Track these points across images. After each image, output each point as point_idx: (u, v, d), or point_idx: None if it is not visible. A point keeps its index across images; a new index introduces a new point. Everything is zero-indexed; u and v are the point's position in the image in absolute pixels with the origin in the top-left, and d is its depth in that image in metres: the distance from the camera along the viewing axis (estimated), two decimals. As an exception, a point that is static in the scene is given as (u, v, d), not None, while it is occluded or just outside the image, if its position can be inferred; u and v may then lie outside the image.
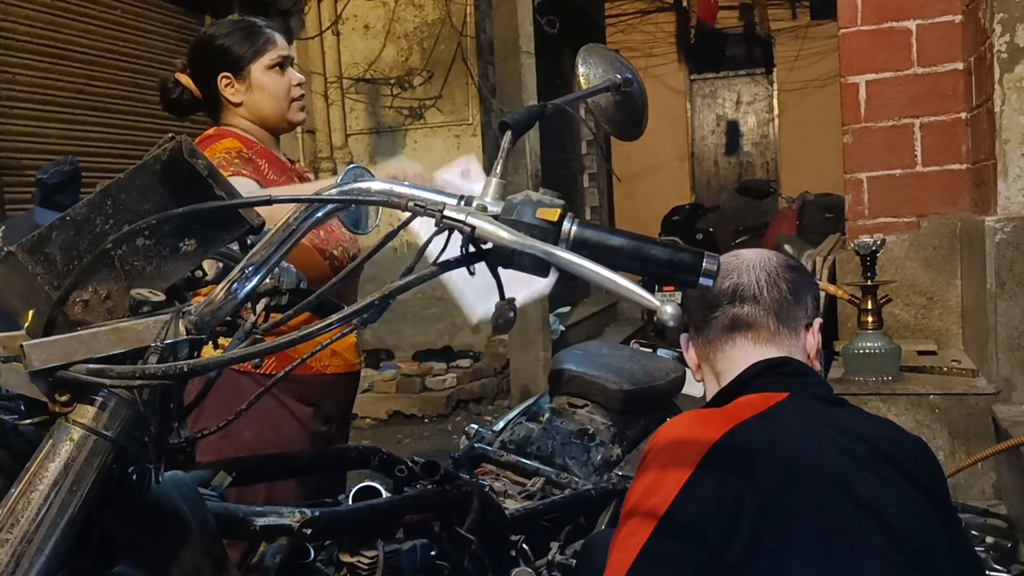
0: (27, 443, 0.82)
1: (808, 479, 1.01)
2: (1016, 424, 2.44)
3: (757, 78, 9.90)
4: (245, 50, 1.83)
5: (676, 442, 1.05)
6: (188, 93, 1.89)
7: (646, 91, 1.05)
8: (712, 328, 1.18)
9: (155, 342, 0.80)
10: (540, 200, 0.80)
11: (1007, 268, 2.63)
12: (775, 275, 1.17)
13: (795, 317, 1.18)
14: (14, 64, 3.95)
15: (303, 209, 0.86)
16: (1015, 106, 2.66)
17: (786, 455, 1.02)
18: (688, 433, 1.05)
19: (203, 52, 1.88)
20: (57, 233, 0.81)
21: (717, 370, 1.19)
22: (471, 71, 5.96)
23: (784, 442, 1.03)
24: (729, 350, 1.18)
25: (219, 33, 1.86)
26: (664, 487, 1.00)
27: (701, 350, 1.21)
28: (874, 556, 0.99)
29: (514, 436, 1.90)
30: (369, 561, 1.12)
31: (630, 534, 1.00)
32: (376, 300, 0.82)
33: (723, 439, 1.02)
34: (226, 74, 1.84)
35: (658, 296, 0.75)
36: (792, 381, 1.13)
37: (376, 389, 5.67)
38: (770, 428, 1.05)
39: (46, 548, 0.77)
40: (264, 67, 1.84)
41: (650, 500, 1.00)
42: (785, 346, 1.17)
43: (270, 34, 1.87)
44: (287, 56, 1.89)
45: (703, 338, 1.20)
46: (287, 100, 1.87)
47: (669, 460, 1.03)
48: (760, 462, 1.01)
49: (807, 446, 1.04)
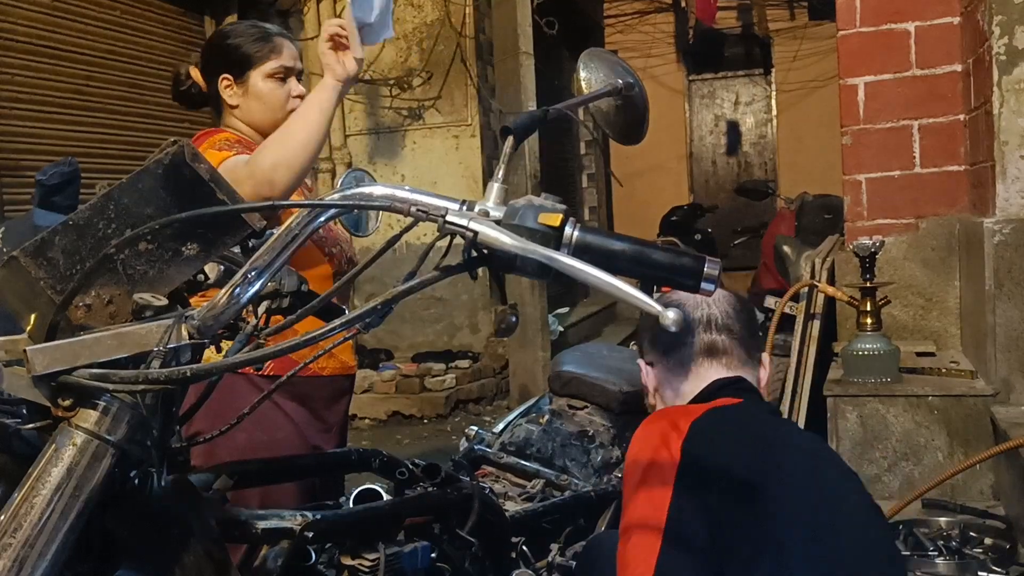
0: (30, 447, 0.82)
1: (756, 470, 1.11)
2: (1015, 425, 2.44)
3: (755, 78, 9.91)
4: (248, 55, 1.83)
5: (651, 455, 1.12)
6: (196, 87, 1.90)
7: (647, 96, 1.06)
8: (685, 352, 1.26)
9: (158, 346, 0.80)
10: (542, 205, 0.80)
11: (1005, 269, 2.63)
12: (737, 309, 1.29)
13: (756, 349, 1.31)
14: (13, 65, 3.95)
15: (306, 214, 0.86)
16: (1013, 108, 2.67)
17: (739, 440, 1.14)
18: (657, 443, 1.13)
19: (212, 49, 1.89)
20: (60, 237, 0.81)
21: (682, 391, 1.26)
22: (470, 72, 5.96)
23: (737, 429, 1.16)
24: (703, 372, 1.26)
25: (230, 33, 1.87)
26: (655, 500, 1.07)
27: (665, 374, 1.28)
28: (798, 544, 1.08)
29: (514, 438, 1.90)
30: (370, 564, 1.12)
31: (640, 548, 1.06)
32: (379, 305, 0.82)
33: (688, 438, 1.10)
34: (227, 75, 1.84)
35: (656, 298, 0.75)
36: (745, 394, 1.24)
37: (375, 390, 5.67)
38: (732, 415, 1.17)
39: (48, 552, 0.77)
40: (264, 75, 1.83)
41: (648, 515, 1.06)
42: (750, 375, 1.28)
43: (278, 43, 1.85)
44: (291, 67, 1.86)
45: (672, 360, 1.27)
46: (282, 112, 1.84)
47: (647, 475, 1.10)
48: (724, 448, 1.12)
49: (762, 431, 1.17)
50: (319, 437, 1.84)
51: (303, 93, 1.87)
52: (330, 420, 1.89)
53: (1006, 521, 2.40)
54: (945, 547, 2.21)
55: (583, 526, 1.67)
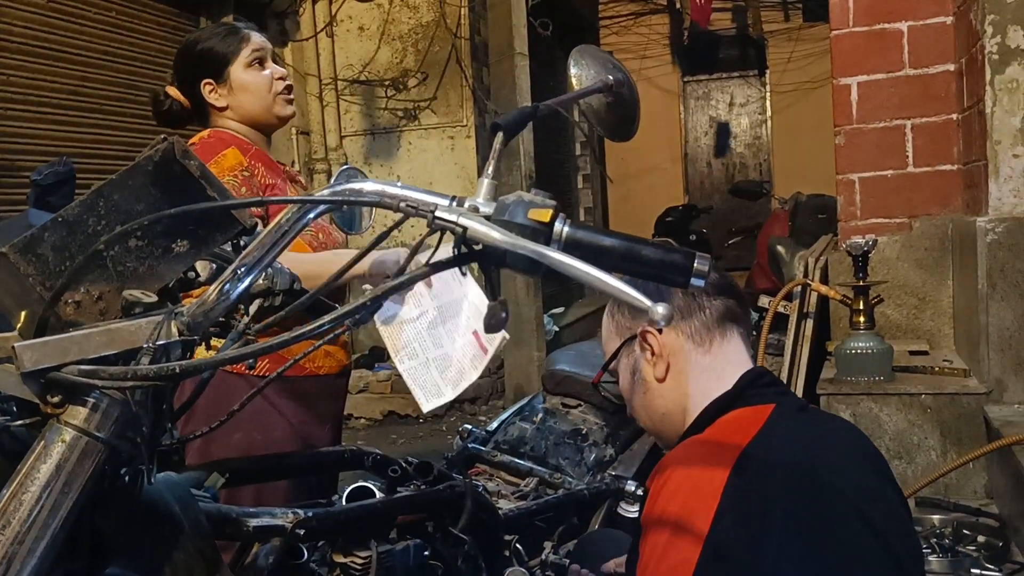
0: (19, 444, 0.82)
1: (804, 489, 0.99)
2: (1007, 424, 2.45)
3: (750, 80, 9.93)
4: (221, 53, 1.84)
5: (694, 476, 1.00)
6: (178, 104, 1.90)
7: (638, 92, 1.06)
8: (705, 315, 1.09)
9: (147, 343, 0.80)
10: (532, 201, 0.80)
11: (998, 269, 2.64)
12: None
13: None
14: (8, 65, 3.94)
15: (296, 210, 0.86)
16: (1006, 107, 2.67)
17: (785, 470, 1.00)
18: (703, 465, 1.00)
19: (185, 61, 1.89)
20: (49, 234, 0.81)
21: (704, 364, 1.10)
22: (465, 73, 5.96)
23: (781, 459, 1.01)
24: (726, 344, 1.10)
25: (197, 40, 1.88)
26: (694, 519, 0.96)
27: (682, 341, 1.10)
28: (871, 557, 0.99)
29: (508, 436, 1.90)
30: (362, 561, 1.12)
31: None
32: (368, 301, 0.82)
33: (735, 470, 0.97)
34: (208, 80, 1.85)
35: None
36: (772, 392, 1.09)
37: (371, 390, 5.67)
38: (769, 445, 1.02)
39: (38, 549, 0.76)
40: (243, 66, 1.84)
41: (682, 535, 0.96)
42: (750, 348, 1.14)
43: (244, 32, 1.87)
44: (263, 50, 1.87)
45: (690, 326, 1.09)
46: (271, 94, 1.86)
47: (690, 496, 0.98)
48: (771, 483, 0.98)
49: (799, 460, 1.02)
50: (315, 436, 1.84)
51: (285, 73, 1.90)
52: (326, 419, 1.89)
53: (999, 519, 2.41)
54: (939, 545, 2.22)
55: (576, 524, 1.67)
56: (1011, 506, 2.41)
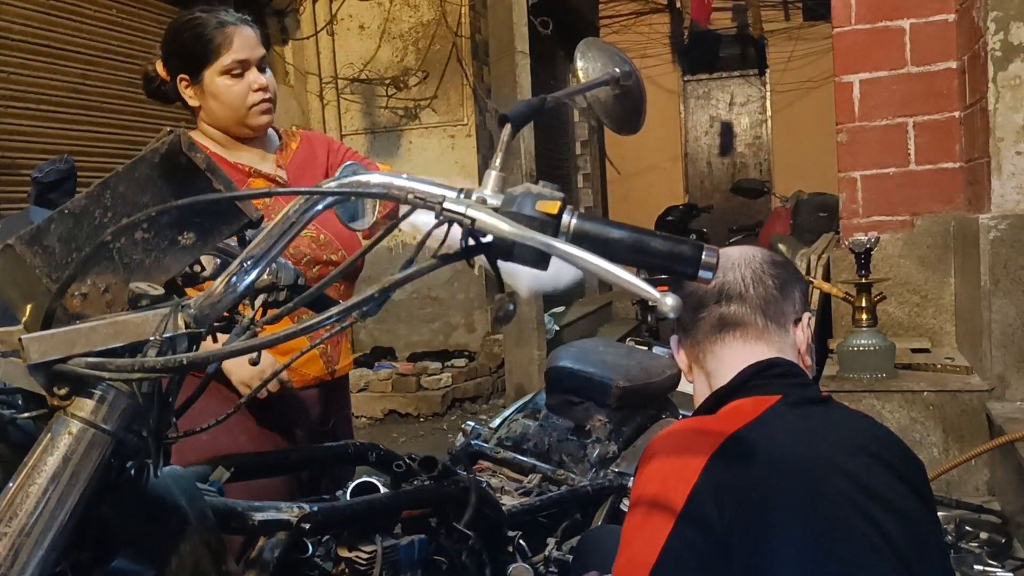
0: (26, 436, 0.82)
1: (799, 480, 1.01)
2: (1010, 420, 2.45)
3: (750, 79, 9.92)
4: (198, 54, 1.71)
5: (676, 453, 1.05)
6: (167, 83, 1.79)
7: (644, 85, 1.05)
8: (700, 328, 1.17)
9: (154, 335, 0.80)
10: (540, 193, 0.80)
11: (1001, 265, 2.64)
12: (760, 271, 1.16)
13: (783, 313, 1.16)
14: (10, 63, 3.94)
15: (302, 202, 0.85)
16: (1009, 104, 2.67)
17: (779, 460, 1.02)
18: (687, 443, 1.05)
19: (167, 47, 1.77)
20: (56, 225, 0.81)
21: (708, 370, 1.18)
22: (466, 71, 5.96)
23: (776, 448, 1.03)
24: (719, 350, 1.16)
25: (182, 28, 1.74)
26: (670, 496, 1.00)
27: (690, 351, 1.20)
28: (866, 550, 0.99)
29: (511, 433, 1.90)
30: (367, 556, 1.12)
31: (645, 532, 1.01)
32: (376, 293, 0.82)
33: (721, 448, 1.01)
34: (183, 76, 1.74)
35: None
36: (782, 383, 1.11)
37: (372, 389, 5.67)
38: (764, 434, 1.04)
39: (44, 541, 0.77)
40: (218, 72, 1.71)
41: (660, 505, 1.01)
42: (774, 343, 1.15)
43: (228, 34, 1.70)
44: (246, 59, 1.71)
45: (692, 339, 1.19)
46: (244, 107, 1.73)
47: (669, 475, 1.03)
48: (755, 470, 1.01)
49: (798, 451, 1.03)
50: (287, 444, 1.79)
51: (265, 84, 1.74)
52: (301, 426, 1.82)
53: (1001, 516, 2.41)
54: (941, 542, 2.21)
55: (579, 520, 1.67)
56: (1013, 503, 2.41)
